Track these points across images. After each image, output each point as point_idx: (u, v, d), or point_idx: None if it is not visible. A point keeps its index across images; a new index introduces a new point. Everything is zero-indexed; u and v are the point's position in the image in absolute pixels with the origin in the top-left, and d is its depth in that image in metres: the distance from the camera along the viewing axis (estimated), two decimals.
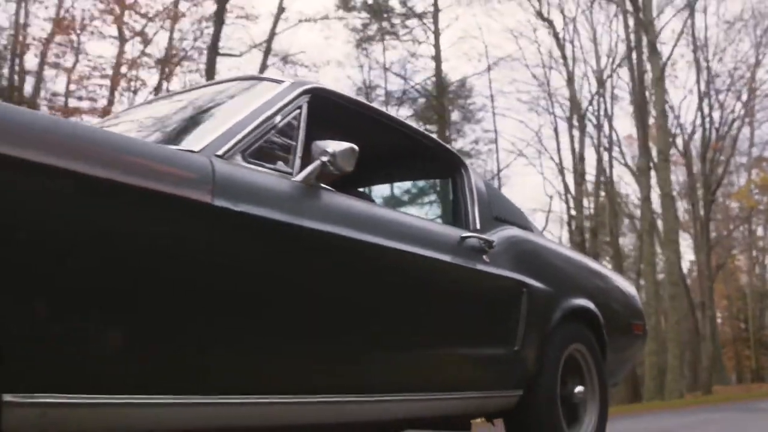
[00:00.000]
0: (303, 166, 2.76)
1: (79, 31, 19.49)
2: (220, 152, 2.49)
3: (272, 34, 21.45)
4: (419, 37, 25.10)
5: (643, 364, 22.71)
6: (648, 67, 21.66)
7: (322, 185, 2.81)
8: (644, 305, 17.41)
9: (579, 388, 4.04)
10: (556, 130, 27.47)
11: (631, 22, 22.74)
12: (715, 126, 26.60)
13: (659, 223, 22.63)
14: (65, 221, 1.99)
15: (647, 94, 21.96)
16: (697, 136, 28.06)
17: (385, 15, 24.32)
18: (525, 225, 4.24)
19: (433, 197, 4.77)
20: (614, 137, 27.55)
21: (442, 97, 24.00)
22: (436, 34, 23.99)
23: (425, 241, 3.23)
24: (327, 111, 3.06)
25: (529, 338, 3.69)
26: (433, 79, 24.52)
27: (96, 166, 2.07)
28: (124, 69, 20.43)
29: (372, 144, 3.15)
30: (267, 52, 21.29)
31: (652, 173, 21.10)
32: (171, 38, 20.98)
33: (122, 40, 20.43)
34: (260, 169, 2.60)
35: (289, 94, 2.87)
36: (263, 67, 20.92)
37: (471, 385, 3.51)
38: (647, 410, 14.49)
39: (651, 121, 22.86)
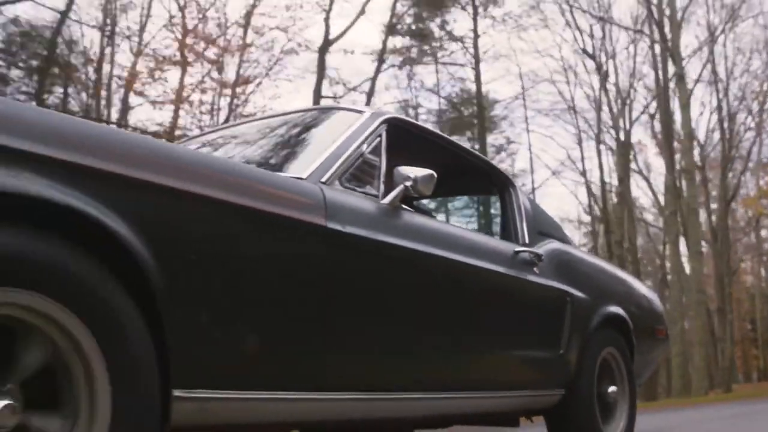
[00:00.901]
0: (386, 189, 2.90)
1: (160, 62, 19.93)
2: (324, 179, 2.66)
3: (321, 59, 21.70)
4: (459, 59, 25.28)
5: (664, 365, 24.48)
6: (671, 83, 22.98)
7: (403, 206, 2.95)
8: (670, 311, 18.21)
9: (612, 388, 4.13)
10: (580, 143, 27.61)
11: (657, 48, 23.56)
12: (726, 137, 27.07)
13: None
14: (220, 244, 2.16)
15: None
16: (708, 147, 28.47)
17: (427, 39, 24.40)
18: (563, 237, 4.37)
19: (483, 212, 5.26)
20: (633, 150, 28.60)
21: (483, 118, 24.57)
22: (477, 59, 24.47)
23: (487, 255, 3.37)
24: (399, 136, 3.16)
25: (571, 342, 3.80)
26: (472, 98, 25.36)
27: (241, 195, 2.24)
28: (194, 95, 20.79)
29: (434, 164, 3.23)
30: (320, 79, 21.45)
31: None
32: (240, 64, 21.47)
33: (185, 64, 21.61)
34: (354, 192, 2.74)
35: (371, 123, 3.02)
36: (317, 91, 20.94)
37: (522, 384, 3.62)
38: (679, 405, 14.63)
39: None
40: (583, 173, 27.83)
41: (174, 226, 2.02)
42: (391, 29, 23.82)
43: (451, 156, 3.67)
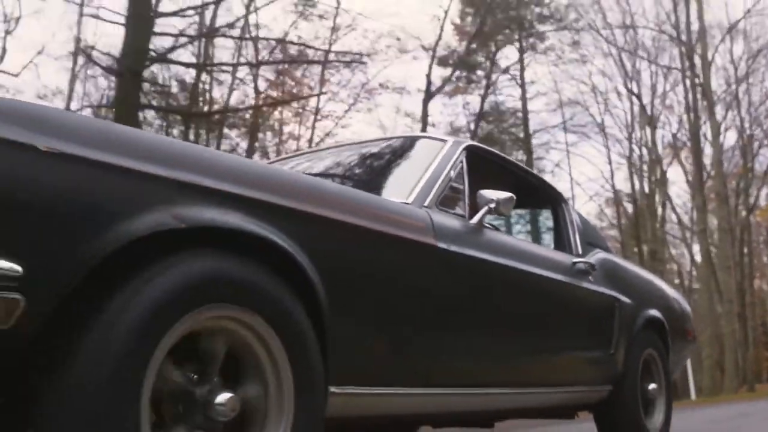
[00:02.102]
0: (470, 209, 3.02)
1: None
2: (426, 203, 2.81)
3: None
4: (504, 90, 25.82)
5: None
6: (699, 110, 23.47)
7: (485, 224, 3.04)
8: (702, 317, 19.80)
9: (652, 386, 4.21)
10: (610, 162, 27.67)
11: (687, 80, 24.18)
12: (745, 152, 26.86)
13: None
14: (362, 263, 2.36)
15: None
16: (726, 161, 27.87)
17: (474, 70, 24.75)
18: (605, 246, 4.49)
19: (532, 224, 5.08)
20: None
21: (529, 143, 25.16)
22: (523, 89, 25.19)
23: (552, 266, 3.46)
24: (474, 161, 3.26)
25: (619, 343, 3.87)
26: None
27: (376, 222, 2.45)
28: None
29: (499, 183, 3.32)
30: (424, 126, 21.39)
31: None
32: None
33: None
34: (447, 213, 2.86)
35: (455, 151, 3.14)
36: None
37: (580, 381, 3.70)
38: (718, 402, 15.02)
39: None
40: (614, 190, 27.82)
41: (331, 249, 2.21)
42: (442, 61, 23.82)
43: (513, 175, 3.78)
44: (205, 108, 18.81)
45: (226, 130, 19.54)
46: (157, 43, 12.15)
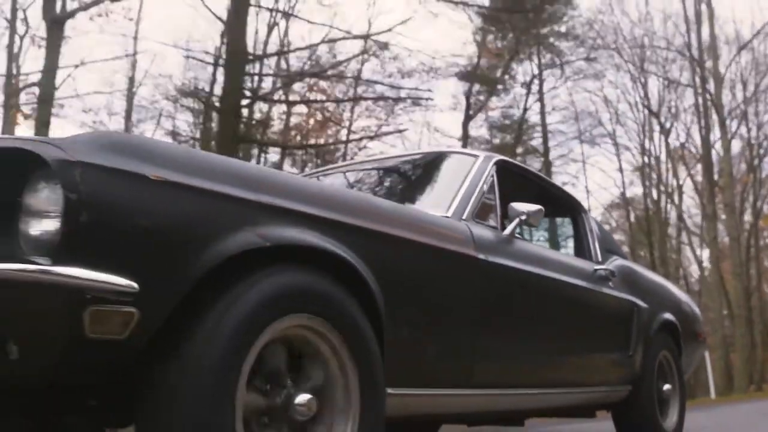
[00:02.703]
0: (501, 221, 3.09)
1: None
2: (464, 216, 2.89)
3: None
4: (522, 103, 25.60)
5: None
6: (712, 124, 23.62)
7: (516, 235, 3.11)
8: (713, 320, 20.52)
9: (666, 386, 4.28)
10: (621, 170, 27.77)
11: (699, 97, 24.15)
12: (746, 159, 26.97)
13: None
14: (412, 274, 2.46)
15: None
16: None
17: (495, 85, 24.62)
18: (621, 253, 4.55)
19: (551, 232, 5.19)
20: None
21: (547, 155, 25.33)
22: (542, 102, 25.29)
23: (576, 273, 3.53)
24: (503, 174, 3.32)
25: (637, 346, 3.92)
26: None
27: (423, 235, 2.56)
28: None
29: (524, 194, 3.39)
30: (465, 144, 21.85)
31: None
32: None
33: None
34: (481, 225, 2.93)
35: (486, 166, 3.21)
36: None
37: (603, 381, 3.75)
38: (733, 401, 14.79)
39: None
40: (624, 198, 27.94)
41: (386, 261, 2.30)
42: (464, 76, 23.67)
43: (538, 187, 3.86)
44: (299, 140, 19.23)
45: None
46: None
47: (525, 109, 25.30)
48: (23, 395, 1.83)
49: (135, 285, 1.62)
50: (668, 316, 4.38)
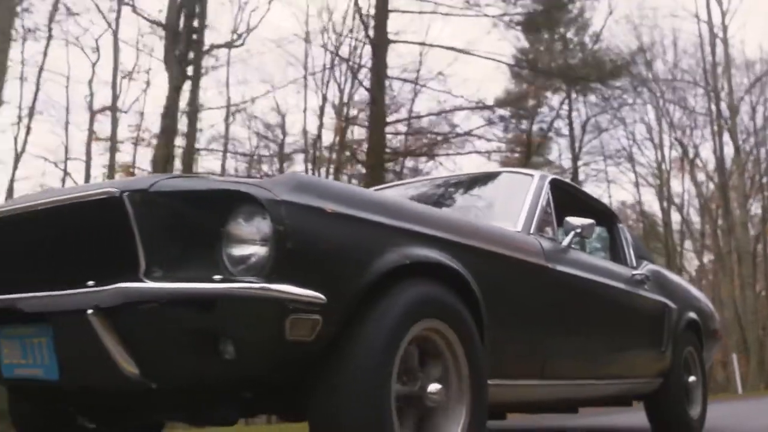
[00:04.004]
0: (558, 233, 3.20)
1: None
2: (531, 231, 3.02)
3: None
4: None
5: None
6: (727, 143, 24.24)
7: (572, 246, 3.23)
8: (729, 324, 21.83)
9: (691, 378, 4.41)
10: (637, 186, 28.02)
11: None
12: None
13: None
14: (501, 281, 2.61)
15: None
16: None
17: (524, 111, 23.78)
18: (651, 258, 4.64)
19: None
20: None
21: (576, 174, 24.70)
22: (571, 125, 24.87)
23: (619, 278, 3.68)
24: (555, 191, 3.47)
25: (668, 342, 4.04)
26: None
27: (507, 249, 2.74)
28: None
29: (572, 207, 3.57)
30: None
31: None
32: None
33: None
34: (544, 238, 3.07)
35: (543, 184, 3.34)
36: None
37: (641, 374, 3.88)
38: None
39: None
40: (642, 212, 28.05)
41: (484, 271, 2.47)
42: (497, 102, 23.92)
43: (581, 201, 3.98)
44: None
45: None
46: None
47: (551, 127, 24.99)
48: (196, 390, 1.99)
49: (323, 297, 1.84)
50: (692, 315, 4.52)
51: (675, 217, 27.80)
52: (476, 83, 29.56)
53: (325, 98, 18.88)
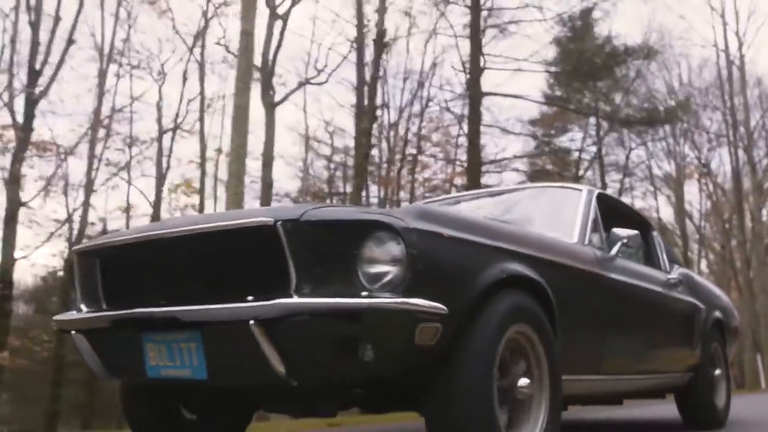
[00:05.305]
0: (605, 243, 3.22)
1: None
2: (585, 242, 3.09)
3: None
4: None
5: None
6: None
7: (619, 254, 3.27)
8: (744, 325, 22.57)
9: (717, 372, 4.47)
10: (656, 198, 28.45)
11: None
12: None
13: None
14: (566, 287, 2.70)
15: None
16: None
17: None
18: (678, 261, 4.70)
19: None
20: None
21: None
22: (601, 163, 25.05)
23: (658, 283, 3.76)
24: (600, 203, 3.51)
25: (698, 339, 4.12)
26: None
27: (570, 259, 2.85)
28: None
29: (613, 217, 3.67)
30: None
31: None
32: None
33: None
34: (597, 248, 3.14)
35: (591, 198, 3.42)
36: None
37: (675, 369, 3.96)
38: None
39: None
40: (660, 223, 27.38)
41: (556, 280, 2.58)
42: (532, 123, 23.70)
43: (620, 211, 4.10)
44: None
45: None
46: None
47: (581, 150, 25.40)
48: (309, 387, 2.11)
49: (445, 308, 1.99)
50: (718, 314, 4.57)
51: (689, 226, 27.89)
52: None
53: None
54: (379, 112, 17.18)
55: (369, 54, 16.19)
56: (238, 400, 2.68)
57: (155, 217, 18.20)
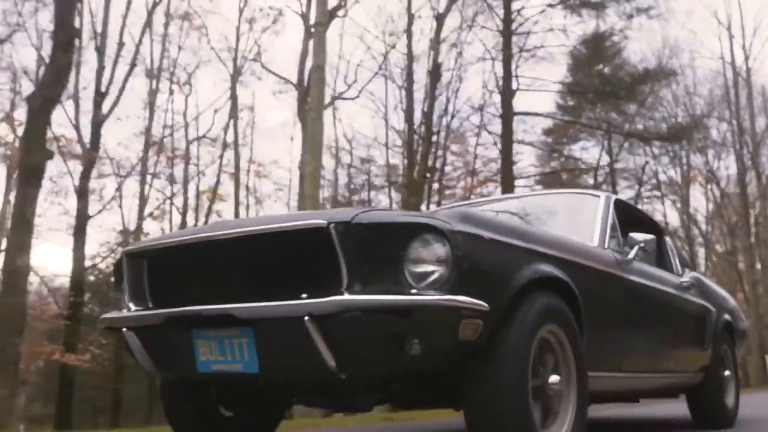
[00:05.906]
0: (623, 248, 3.22)
1: None
2: (604, 245, 3.09)
3: None
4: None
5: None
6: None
7: (636, 258, 3.27)
8: (750, 326, 22.66)
9: (726, 372, 4.47)
10: (662, 199, 28.24)
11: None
12: None
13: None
14: (591, 288, 2.72)
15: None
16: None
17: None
18: (689, 264, 4.70)
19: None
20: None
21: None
22: (614, 181, 25.08)
23: (671, 285, 3.76)
24: (617, 209, 3.51)
25: (709, 341, 4.11)
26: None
27: (593, 262, 2.87)
28: None
29: (628, 222, 3.68)
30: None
31: None
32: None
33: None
34: (616, 252, 3.15)
35: (609, 203, 3.43)
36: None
37: (688, 369, 3.94)
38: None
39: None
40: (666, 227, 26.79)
41: (581, 283, 2.61)
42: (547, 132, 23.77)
43: (636, 217, 4.12)
44: None
45: None
46: None
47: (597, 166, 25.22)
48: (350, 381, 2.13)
49: (486, 305, 2.03)
50: (727, 317, 4.56)
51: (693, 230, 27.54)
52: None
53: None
54: (434, 138, 17.93)
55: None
56: (275, 396, 2.71)
57: (182, 224, 18.98)
